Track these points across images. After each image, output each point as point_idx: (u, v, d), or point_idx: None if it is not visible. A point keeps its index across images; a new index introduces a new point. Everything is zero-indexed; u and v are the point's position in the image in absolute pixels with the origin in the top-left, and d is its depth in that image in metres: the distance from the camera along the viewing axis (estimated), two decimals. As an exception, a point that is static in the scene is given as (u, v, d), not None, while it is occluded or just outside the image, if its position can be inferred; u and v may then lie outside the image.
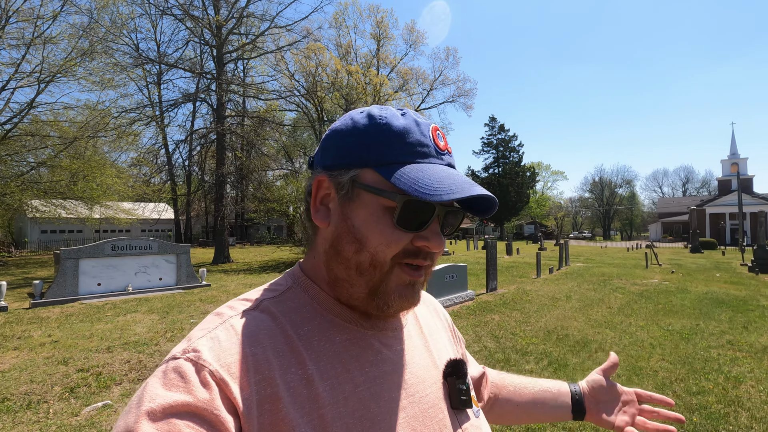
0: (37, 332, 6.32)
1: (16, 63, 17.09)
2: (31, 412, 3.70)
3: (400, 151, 0.51)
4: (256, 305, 0.52)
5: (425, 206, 0.50)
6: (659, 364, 4.75)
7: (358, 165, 0.52)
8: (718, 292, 9.42)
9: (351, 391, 0.49)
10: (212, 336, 0.47)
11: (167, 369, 0.44)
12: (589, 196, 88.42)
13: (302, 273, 0.58)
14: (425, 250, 0.52)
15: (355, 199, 0.52)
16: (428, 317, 0.69)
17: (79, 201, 18.79)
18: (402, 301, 0.53)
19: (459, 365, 0.60)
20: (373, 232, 0.51)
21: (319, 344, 0.51)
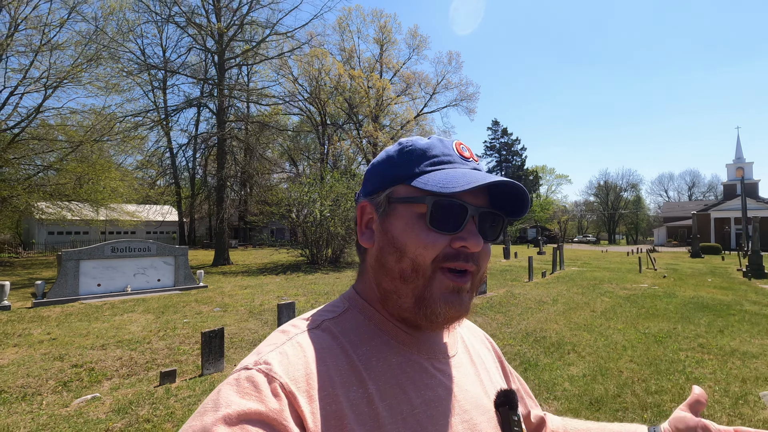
0: (37, 330, 6.62)
1: (25, 69, 17.58)
2: (26, 404, 3.97)
3: (426, 163, 0.56)
4: (318, 324, 0.55)
5: (457, 207, 0.53)
6: (626, 365, 4.93)
7: (392, 184, 0.57)
8: (705, 297, 9.53)
9: (409, 412, 0.50)
10: (281, 351, 0.49)
11: (240, 378, 0.46)
12: (594, 200, 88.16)
13: (357, 295, 0.60)
14: (464, 251, 0.53)
15: (391, 214, 0.56)
16: (478, 347, 0.70)
17: (85, 203, 19.23)
18: (448, 308, 0.53)
19: (511, 396, 0.60)
20: (410, 238, 0.53)
21: (377, 365, 0.53)
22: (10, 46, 16.67)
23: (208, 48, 17.83)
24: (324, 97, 39.27)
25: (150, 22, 19.09)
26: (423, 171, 0.55)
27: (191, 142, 21.75)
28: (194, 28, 17.29)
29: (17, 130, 17.52)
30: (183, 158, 30.01)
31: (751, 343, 5.79)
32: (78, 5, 17.33)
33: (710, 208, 48.19)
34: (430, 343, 0.59)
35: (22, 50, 17.30)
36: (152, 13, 17.90)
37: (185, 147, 22.43)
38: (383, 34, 45.58)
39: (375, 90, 41.48)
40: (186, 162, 30.60)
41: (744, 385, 4.26)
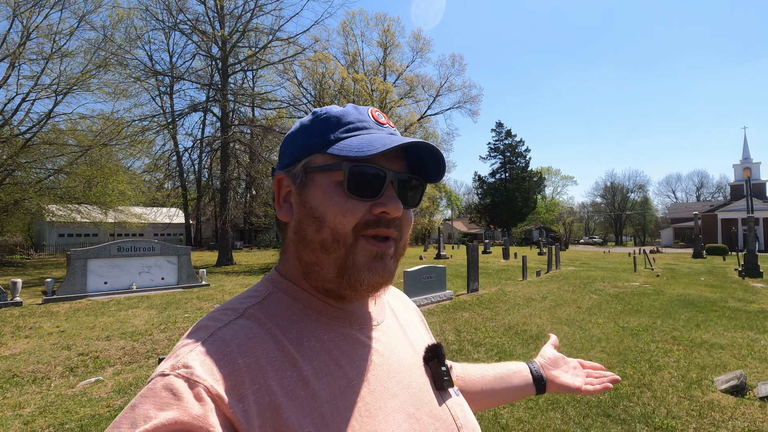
0: (46, 324, 7.04)
1: (36, 76, 18.19)
2: (36, 386, 4.35)
3: (341, 130, 0.54)
4: (241, 313, 0.52)
5: (375, 172, 0.52)
6: (596, 354, 5.21)
7: (308, 153, 0.55)
8: (692, 295, 9.73)
9: (346, 386, 0.50)
10: (201, 350, 0.46)
11: (156, 387, 0.42)
12: (601, 201, 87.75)
13: (279, 275, 0.59)
14: (385, 216, 0.53)
15: (309, 184, 0.54)
16: (402, 310, 0.72)
17: (93, 206, 19.80)
18: (372, 274, 0.53)
19: (438, 349, 0.62)
20: (329, 206, 0.52)
21: (310, 344, 0.52)
22: (22, 54, 17.29)
23: (212, 54, 18.33)
24: (328, 100, 39.77)
25: (158, 29, 19.64)
26: (338, 138, 0.54)
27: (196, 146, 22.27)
28: (198, 36, 17.81)
29: (29, 135, 18.13)
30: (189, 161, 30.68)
31: (722, 336, 6.02)
32: (87, 14, 17.93)
33: (717, 209, 47.86)
34: (359, 314, 0.59)
35: (33, 58, 17.91)
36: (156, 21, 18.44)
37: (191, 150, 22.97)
38: (387, 38, 45.98)
39: (378, 93, 41.91)
40: (192, 165, 31.26)
41: (702, 371, 4.52)
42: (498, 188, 52.71)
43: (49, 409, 3.66)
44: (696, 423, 3.35)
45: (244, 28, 17.82)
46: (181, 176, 31.25)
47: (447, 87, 48.09)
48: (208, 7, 17.75)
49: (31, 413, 3.58)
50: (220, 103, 17.53)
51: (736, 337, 5.93)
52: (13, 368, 4.84)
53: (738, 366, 4.69)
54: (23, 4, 17.74)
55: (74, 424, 3.32)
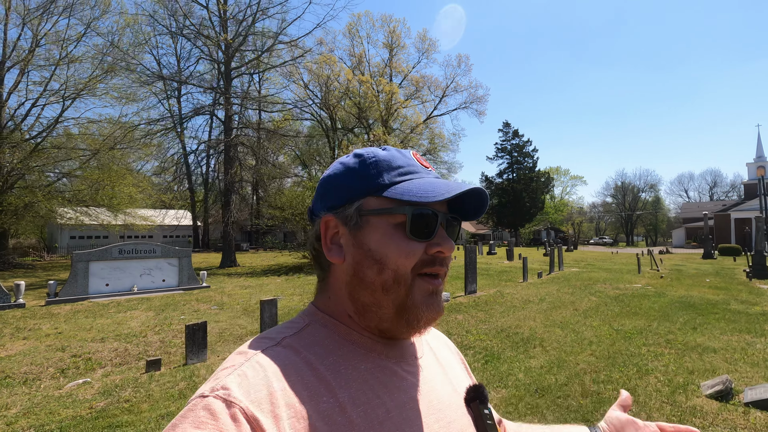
0: (46, 325, 7.18)
1: (45, 82, 18.57)
2: (26, 387, 4.45)
3: (392, 174, 0.56)
4: (278, 342, 0.53)
5: (430, 215, 0.54)
6: (586, 357, 5.15)
7: (360, 196, 0.56)
8: (694, 297, 9.57)
9: (384, 416, 0.50)
10: (240, 373, 0.47)
11: (196, 407, 0.43)
12: (611, 201, 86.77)
13: (318, 310, 0.60)
14: (440, 255, 0.55)
15: (364, 226, 0.55)
16: (441, 349, 0.71)
17: (101, 208, 20.15)
18: (429, 311, 0.54)
19: (480, 390, 0.61)
20: (390, 249, 0.53)
21: (346, 372, 0.52)
22: (31, 60, 17.68)
23: (215, 58, 18.55)
24: (333, 102, 39.96)
25: (164, 34, 19.94)
26: (393, 182, 0.56)
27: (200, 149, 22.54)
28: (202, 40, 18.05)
29: (39, 140, 18.51)
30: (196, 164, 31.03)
31: (718, 339, 5.91)
32: (93, 21, 18.29)
33: (730, 209, 47.02)
34: (398, 347, 0.59)
35: (42, 64, 18.30)
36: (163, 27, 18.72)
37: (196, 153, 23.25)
38: (392, 39, 46.05)
39: (384, 94, 41.99)
40: (200, 167, 31.60)
41: (690, 376, 4.44)
42: (505, 189, 52.39)
43: (33, 411, 3.73)
44: (674, 429, 3.29)
45: (246, 32, 17.98)
46: (189, 179, 31.60)
47: (453, 87, 47.94)
48: (211, 12, 17.97)
49: (15, 414, 3.66)
50: (223, 107, 17.73)
51: (732, 341, 5.82)
52: (6, 369, 4.95)
53: (728, 371, 4.60)
54: (33, 11, 18.15)
55: (54, 426, 3.39)
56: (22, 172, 17.41)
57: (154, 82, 19.34)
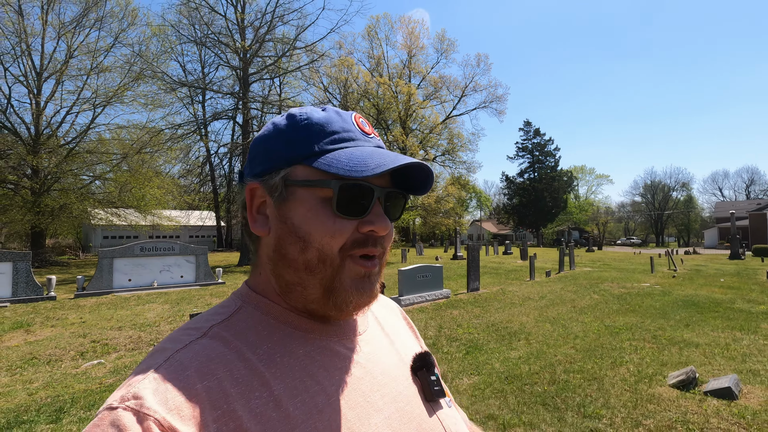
0: (72, 315, 7.85)
1: (78, 90, 19.78)
2: (49, 366, 5.00)
3: (325, 140, 0.51)
4: (204, 333, 0.48)
5: (363, 189, 0.49)
6: (566, 350, 5.32)
7: (288, 164, 0.51)
8: (700, 296, 9.45)
9: (324, 403, 0.47)
10: (155, 377, 0.42)
11: (102, 423, 0.38)
12: (641, 200, 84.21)
13: (250, 290, 0.55)
14: (373, 235, 0.51)
15: (290, 198, 0.51)
16: (388, 317, 0.68)
17: (130, 209, 21.29)
18: (360, 295, 0.51)
19: (426, 357, 0.59)
20: (315, 226, 0.49)
21: (282, 360, 0.48)
22: (65, 71, 18.89)
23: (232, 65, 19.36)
24: (352, 104, 40.55)
25: (187, 42, 20.93)
26: (324, 150, 0.50)
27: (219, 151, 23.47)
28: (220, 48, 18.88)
29: (73, 145, 19.75)
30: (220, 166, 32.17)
31: (706, 335, 5.95)
32: (121, 32, 19.38)
33: (765, 208, 44.96)
34: (338, 324, 0.56)
35: (75, 74, 19.50)
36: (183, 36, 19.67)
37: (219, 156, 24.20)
38: (411, 40, 46.30)
39: (403, 95, 42.29)
40: (222, 169, 32.75)
41: (663, 368, 4.57)
42: (526, 188, 51.75)
43: (51, 384, 4.26)
44: (626, 413, 3.48)
45: (263, 39, 18.70)
46: (213, 181, 32.79)
47: (472, 87, 47.79)
48: (229, 20, 18.78)
49: (36, 387, 4.19)
50: (241, 111, 18.50)
51: (720, 337, 5.85)
52: (34, 352, 5.55)
53: (702, 363, 4.70)
54: (68, 24, 19.39)
55: (67, 397, 3.87)
56: (58, 176, 18.64)
57: (178, 88, 20.30)
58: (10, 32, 17.85)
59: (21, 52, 18.40)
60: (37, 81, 19.14)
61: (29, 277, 9.24)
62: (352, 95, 40.32)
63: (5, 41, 17.95)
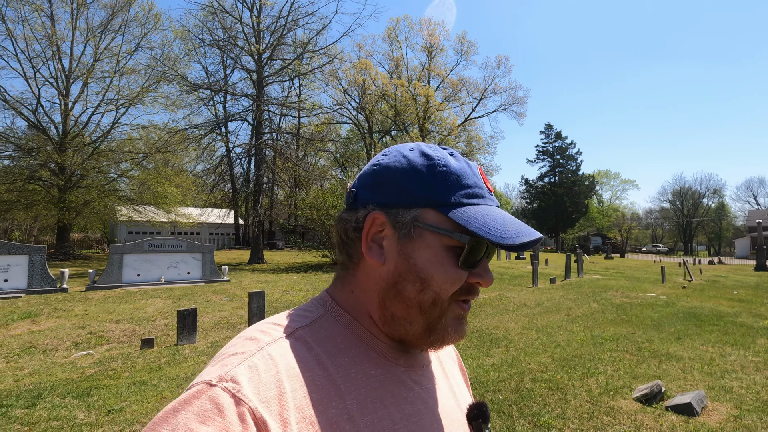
0: (78, 308, 8.26)
1: (103, 92, 20.67)
2: (43, 355, 5.32)
3: (460, 192, 0.53)
4: (290, 332, 0.51)
5: (489, 250, 0.53)
6: (542, 359, 5.29)
7: (421, 205, 0.52)
8: (705, 308, 9.15)
9: (390, 428, 0.48)
10: (251, 365, 0.44)
11: (201, 396, 0.41)
12: (669, 207, 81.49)
13: (333, 302, 0.57)
14: (478, 286, 0.54)
15: (417, 239, 0.52)
16: (446, 358, 0.70)
17: (150, 207, 22.10)
18: (456, 335, 0.54)
19: (483, 408, 0.60)
20: (438, 272, 0.51)
21: (356, 377, 0.50)
22: (91, 73, 19.78)
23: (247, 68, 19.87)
24: (370, 106, 40.81)
25: (205, 46, 21.59)
26: (459, 202, 0.52)
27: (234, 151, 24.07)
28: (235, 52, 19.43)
29: (97, 144, 20.66)
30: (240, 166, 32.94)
31: (694, 349, 5.80)
32: (144, 36, 20.17)
33: (800, 217, 42.73)
34: (408, 354, 0.58)
35: (101, 76, 20.39)
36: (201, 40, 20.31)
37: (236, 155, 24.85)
38: (431, 42, 46.24)
39: (422, 97, 42.30)
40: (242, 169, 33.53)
41: (634, 380, 4.50)
42: (546, 192, 50.85)
43: (38, 372, 4.54)
44: (578, 424, 3.47)
45: (277, 42, 19.12)
46: (232, 180, 33.61)
47: (492, 89, 47.32)
48: (245, 24, 19.27)
49: (24, 374, 4.48)
50: (254, 113, 18.98)
51: (707, 352, 5.69)
52: (33, 341, 5.90)
53: (677, 378, 4.60)
54: (95, 29, 20.30)
55: (48, 384, 4.13)
56: (82, 174, 19.53)
57: (197, 90, 20.98)
58: (41, 36, 18.82)
59: (51, 54, 19.38)
60: (66, 83, 20.11)
61: (44, 270, 9.76)
62: (371, 97, 40.61)
63: (36, 45, 18.94)
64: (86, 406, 3.64)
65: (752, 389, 4.25)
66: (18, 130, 20.40)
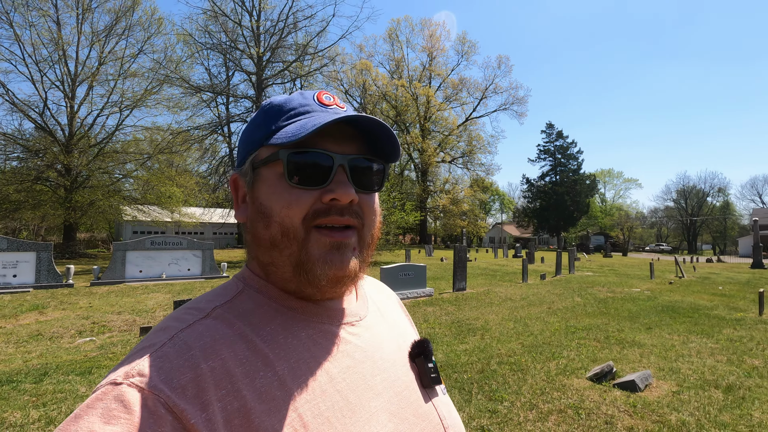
0: (82, 301, 8.71)
1: (108, 94, 21.20)
2: (50, 341, 5.75)
3: (282, 119, 0.51)
4: (207, 313, 0.48)
5: (320, 157, 0.49)
6: (512, 346, 5.64)
7: (254, 149, 0.52)
8: (684, 302, 9.45)
9: (327, 384, 0.47)
10: (160, 354, 0.42)
11: (106, 397, 0.38)
12: (674, 205, 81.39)
13: (251, 273, 0.55)
14: (336, 204, 0.49)
15: (257, 180, 0.52)
16: (387, 303, 0.69)
17: (154, 206, 22.62)
18: (329, 267, 0.49)
19: (425, 345, 0.60)
20: (274, 200, 0.49)
21: (285, 341, 0.49)
22: (97, 76, 20.31)
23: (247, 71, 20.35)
24: (371, 106, 41.18)
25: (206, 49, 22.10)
26: (279, 127, 0.51)
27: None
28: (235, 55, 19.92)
29: (102, 145, 21.20)
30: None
31: (659, 338, 6.13)
32: (148, 40, 20.70)
33: (803, 215, 42.65)
34: (339, 310, 0.56)
35: (105, 79, 20.93)
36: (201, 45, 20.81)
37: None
38: (432, 43, 46.55)
39: (424, 97, 42.65)
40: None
41: (592, 363, 4.85)
42: (547, 191, 51.05)
43: (44, 354, 4.97)
44: (529, 398, 3.83)
45: (276, 45, 19.60)
46: (234, 179, 34.15)
47: (492, 89, 47.61)
48: (245, 27, 19.77)
49: (32, 356, 4.91)
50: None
51: (671, 340, 6.02)
52: (41, 329, 6.34)
53: (633, 361, 4.95)
54: (100, 33, 20.84)
55: (54, 364, 4.55)
56: (87, 174, 20.08)
57: (197, 93, 21.49)
58: (48, 41, 19.38)
59: (58, 58, 19.95)
60: (71, 86, 20.67)
61: (51, 266, 10.23)
62: (372, 97, 40.99)
63: (43, 49, 19.50)
64: (87, 381, 4.05)
65: (699, 370, 4.60)
66: (26, 132, 20.99)
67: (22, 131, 20.79)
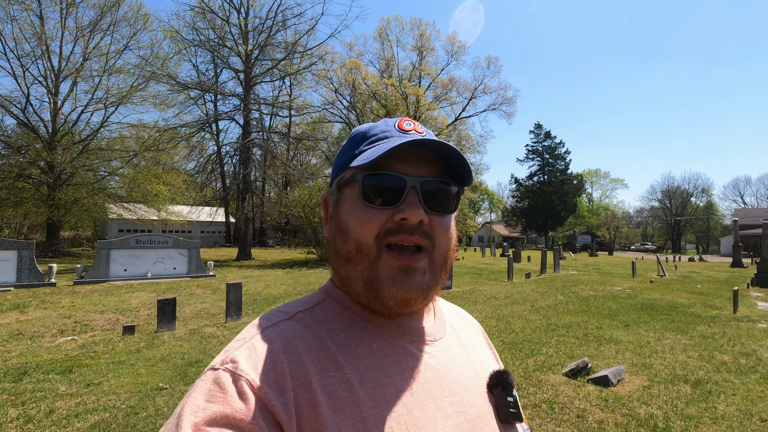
0: (65, 300, 8.62)
1: (93, 90, 20.89)
2: (31, 341, 5.69)
3: (365, 143, 0.57)
4: (290, 316, 0.54)
5: (393, 179, 0.52)
6: (494, 342, 5.75)
7: (340, 171, 0.59)
8: (663, 300, 9.69)
9: (393, 396, 0.49)
10: (249, 346, 0.49)
11: (206, 380, 0.46)
12: (659, 205, 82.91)
13: (333, 286, 0.60)
14: (405, 224, 0.52)
15: (341, 200, 0.57)
16: (465, 329, 0.69)
17: (139, 204, 22.35)
18: (396, 288, 0.51)
19: (504, 376, 0.59)
20: (351, 218, 0.54)
21: (357, 349, 0.52)
22: (81, 72, 19.99)
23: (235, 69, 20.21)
24: (360, 105, 41.21)
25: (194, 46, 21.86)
26: (361, 151, 0.55)
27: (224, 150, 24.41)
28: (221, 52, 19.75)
29: (86, 142, 20.88)
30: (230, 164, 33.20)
31: (636, 335, 6.29)
32: (133, 36, 20.43)
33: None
34: (413, 327, 0.57)
35: (90, 75, 20.61)
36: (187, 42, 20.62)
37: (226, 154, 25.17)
38: (422, 42, 46.58)
39: (414, 96, 42.73)
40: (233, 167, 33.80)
41: (569, 360, 4.98)
42: (535, 191, 51.54)
43: (24, 354, 4.93)
44: (505, 393, 3.93)
45: (265, 43, 19.49)
46: (222, 178, 33.86)
47: (482, 89, 47.79)
48: (232, 25, 19.62)
49: (12, 356, 4.87)
50: (242, 112, 19.35)
51: (647, 336, 6.19)
52: (21, 329, 6.27)
53: (608, 357, 5.09)
54: (84, 28, 20.51)
55: (34, 363, 4.53)
56: (71, 172, 19.76)
57: (186, 89, 21.27)
58: (30, 35, 19.01)
59: (41, 53, 19.58)
60: (55, 81, 20.31)
61: (32, 265, 10.09)
62: (361, 96, 40.97)
63: (25, 44, 19.13)
64: (68, 380, 4.05)
65: (670, 366, 4.75)
66: (7, 128, 20.63)
67: (4, 127, 20.44)
